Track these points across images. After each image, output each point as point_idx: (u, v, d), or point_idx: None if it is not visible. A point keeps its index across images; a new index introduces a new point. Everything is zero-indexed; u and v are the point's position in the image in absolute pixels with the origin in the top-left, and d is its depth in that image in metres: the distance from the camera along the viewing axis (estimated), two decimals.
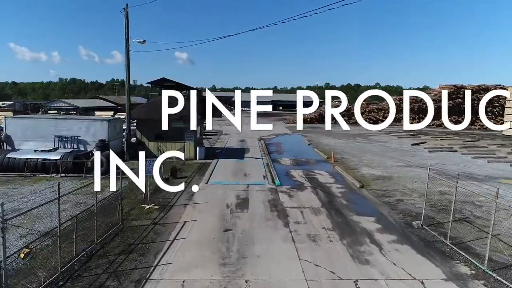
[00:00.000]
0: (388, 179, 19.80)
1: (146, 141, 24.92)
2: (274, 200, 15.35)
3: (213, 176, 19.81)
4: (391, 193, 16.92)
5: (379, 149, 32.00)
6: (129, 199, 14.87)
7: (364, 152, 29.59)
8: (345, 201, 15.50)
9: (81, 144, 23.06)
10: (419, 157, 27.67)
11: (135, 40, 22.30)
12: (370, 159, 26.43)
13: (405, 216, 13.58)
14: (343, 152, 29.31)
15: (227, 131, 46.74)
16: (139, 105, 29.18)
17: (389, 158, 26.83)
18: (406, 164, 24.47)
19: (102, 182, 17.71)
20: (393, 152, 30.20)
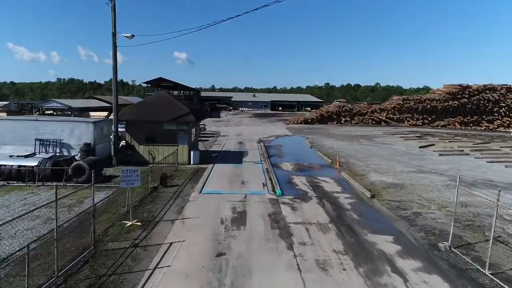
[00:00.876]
0: (401, 188, 17.94)
1: (136, 144, 23.03)
2: (275, 214, 13.48)
3: (208, 184, 17.93)
4: (406, 204, 15.05)
5: (386, 152, 30.15)
6: (109, 214, 12.98)
7: (370, 156, 27.73)
8: (356, 215, 13.63)
9: (64, 148, 21.19)
10: (430, 162, 25.80)
11: (122, 35, 20.42)
12: (377, 163, 24.57)
13: (427, 235, 11.70)
14: (348, 156, 27.45)
15: (225, 133, 44.87)
16: (128, 106, 27.27)
17: (398, 163, 24.97)
18: (417, 170, 22.60)
19: (82, 192, 15.90)
20: (402, 155, 28.34)
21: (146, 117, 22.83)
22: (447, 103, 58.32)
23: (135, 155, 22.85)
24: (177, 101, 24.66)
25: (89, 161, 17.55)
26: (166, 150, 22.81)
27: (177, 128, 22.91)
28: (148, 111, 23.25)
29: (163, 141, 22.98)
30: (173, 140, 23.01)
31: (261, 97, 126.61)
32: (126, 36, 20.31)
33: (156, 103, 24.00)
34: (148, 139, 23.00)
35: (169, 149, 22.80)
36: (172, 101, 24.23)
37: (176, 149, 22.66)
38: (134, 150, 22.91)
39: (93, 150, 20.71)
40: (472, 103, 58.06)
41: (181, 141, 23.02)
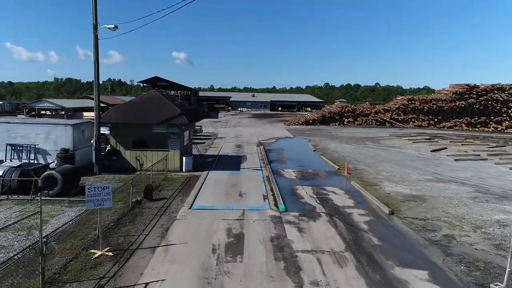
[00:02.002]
0: (421, 201, 15.63)
1: (122, 149, 20.67)
2: (279, 237, 11.16)
3: (200, 197, 15.61)
4: (433, 224, 12.74)
5: (396, 157, 27.86)
6: (76, 239, 10.63)
7: (380, 161, 25.44)
8: (376, 238, 11.32)
9: (40, 154, 18.85)
10: (447, 168, 23.51)
11: (104, 26, 18.08)
12: (389, 170, 22.27)
13: (470, 269, 9.38)
14: (356, 161, 25.15)
15: (222, 134, 42.55)
16: (113, 107, 24.89)
17: (411, 169, 22.68)
18: (435, 178, 20.30)
19: (52, 207, 13.52)
20: (414, 161, 26.05)
21: (133, 119, 20.49)
22: (454, 104, 56.05)
23: (120, 161, 20.50)
24: (169, 101, 22.31)
25: (62, 171, 15.19)
26: (156, 156, 20.50)
27: (168, 132, 20.59)
28: (135, 113, 20.91)
29: (152, 145, 20.66)
30: (164, 144, 20.69)
31: (260, 97, 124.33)
32: (109, 27, 17.97)
33: (145, 104, 21.67)
34: (135, 144, 20.66)
35: (159, 154, 20.48)
36: (163, 102, 21.88)
37: (166, 155, 20.32)
38: (120, 156, 20.56)
39: (71, 157, 18.38)
40: (479, 104, 55.80)
41: (172, 145, 20.69)
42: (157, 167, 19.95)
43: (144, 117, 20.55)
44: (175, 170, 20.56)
